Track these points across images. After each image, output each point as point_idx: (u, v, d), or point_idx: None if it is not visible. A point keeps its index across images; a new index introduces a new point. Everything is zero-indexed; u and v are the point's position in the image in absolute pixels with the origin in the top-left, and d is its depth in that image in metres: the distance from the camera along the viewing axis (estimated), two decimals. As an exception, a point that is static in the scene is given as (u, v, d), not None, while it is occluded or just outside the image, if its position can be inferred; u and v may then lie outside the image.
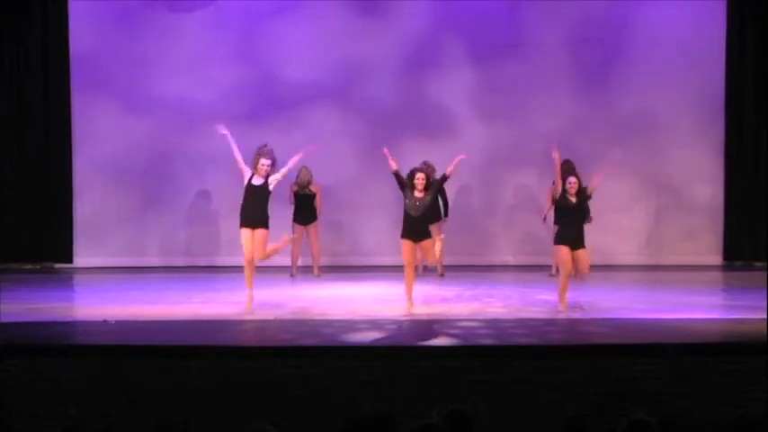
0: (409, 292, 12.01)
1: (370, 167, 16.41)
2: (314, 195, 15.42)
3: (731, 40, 16.30)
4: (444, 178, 12.18)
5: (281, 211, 15.45)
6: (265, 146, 12.09)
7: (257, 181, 11.96)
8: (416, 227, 11.91)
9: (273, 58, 16.47)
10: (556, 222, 12.67)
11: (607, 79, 16.45)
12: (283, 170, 12.09)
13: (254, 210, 11.94)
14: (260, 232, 11.92)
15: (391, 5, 16.48)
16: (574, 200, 11.84)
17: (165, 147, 16.46)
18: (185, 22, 16.48)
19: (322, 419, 8.42)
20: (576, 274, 11.89)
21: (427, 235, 12.01)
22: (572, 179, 11.88)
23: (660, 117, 16.41)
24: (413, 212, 11.89)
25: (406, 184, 11.94)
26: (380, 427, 5.39)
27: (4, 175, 16.24)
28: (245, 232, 11.96)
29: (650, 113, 16.39)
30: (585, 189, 12.01)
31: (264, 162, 11.93)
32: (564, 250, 11.78)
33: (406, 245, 11.95)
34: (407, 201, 11.90)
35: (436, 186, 12.14)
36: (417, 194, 11.91)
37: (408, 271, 11.99)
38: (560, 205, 12.00)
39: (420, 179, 11.90)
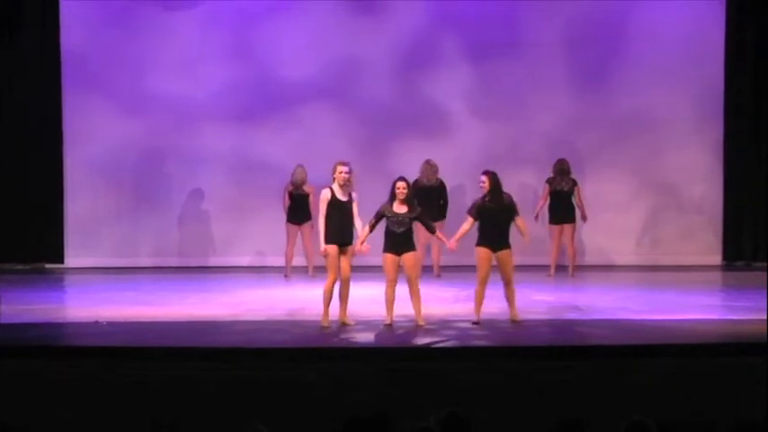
0: (390, 309, 11.06)
1: (365, 166, 16.27)
2: (308, 195, 15.29)
3: (730, 40, 16.22)
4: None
5: (274, 212, 15.39)
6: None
7: (343, 197, 11.33)
8: (400, 240, 11.08)
9: (268, 56, 16.36)
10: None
11: (605, 79, 16.36)
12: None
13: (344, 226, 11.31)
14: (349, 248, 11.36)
15: (387, 4, 16.39)
16: None
17: (158, 146, 16.36)
18: (178, 21, 16.37)
19: (317, 421, 8.33)
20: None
21: (411, 247, 11.15)
22: None
23: (658, 116, 16.33)
24: (396, 229, 11.09)
25: (382, 211, 11.14)
26: (378, 429, 5.35)
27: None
28: (334, 249, 11.33)
29: (648, 113, 16.30)
30: None
31: (343, 169, 11.33)
32: None
33: (389, 259, 11.06)
34: (390, 217, 11.07)
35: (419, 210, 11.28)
36: (398, 209, 11.11)
37: (390, 289, 11.05)
38: None
39: (401, 188, 11.07)
